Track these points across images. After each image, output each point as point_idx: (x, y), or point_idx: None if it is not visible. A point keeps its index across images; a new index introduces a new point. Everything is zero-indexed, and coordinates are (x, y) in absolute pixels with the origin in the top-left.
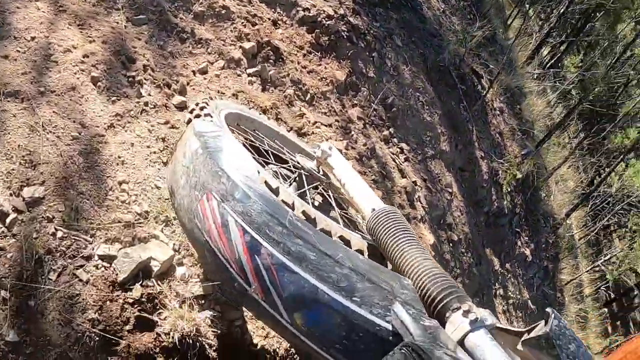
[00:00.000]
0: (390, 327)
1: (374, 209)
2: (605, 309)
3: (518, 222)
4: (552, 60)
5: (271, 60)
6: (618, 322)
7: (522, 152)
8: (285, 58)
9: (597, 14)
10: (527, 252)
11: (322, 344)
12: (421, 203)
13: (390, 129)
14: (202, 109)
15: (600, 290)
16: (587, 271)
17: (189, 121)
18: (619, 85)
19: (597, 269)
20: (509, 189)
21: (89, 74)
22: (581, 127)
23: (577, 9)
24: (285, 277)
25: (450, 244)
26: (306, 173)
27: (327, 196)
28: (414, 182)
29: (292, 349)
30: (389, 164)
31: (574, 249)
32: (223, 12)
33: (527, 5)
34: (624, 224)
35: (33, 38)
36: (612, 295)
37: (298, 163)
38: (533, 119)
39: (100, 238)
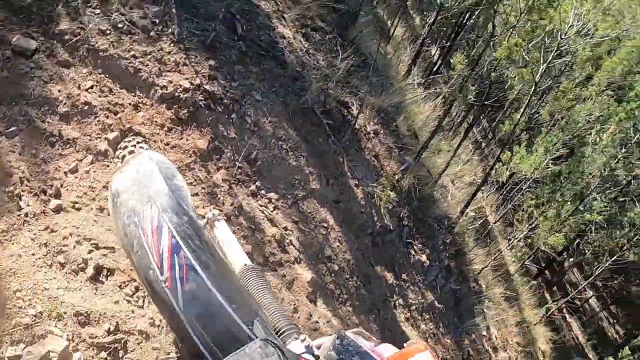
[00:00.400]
0: (251, 334)
1: (245, 264)
2: (535, 281)
3: (409, 234)
4: (440, 64)
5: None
6: (554, 288)
7: (402, 168)
8: (148, 140)
9: (475, 12)
10: (424, 257)
11: (200, 333)
12: (294, 246)
13: (257, 183)
14: (138, 142)
15: (526, 265)
16: (495, 256)
17: (131, 152)
18: (504, 76)
19: (520, 246)
20: (389, 207)
21: None
22: (467, 122)
23: (449, 14)
24: (191, 276)
25: (332, 274)
26: None
27: None
28: (285, 228)
29: None
30: (258, 217)
31: (482, 238)
32: (86, 107)
33: (412, 13)
34: (521, 206)
35: None
36: (542, 266)
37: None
38: (416, 130)
39: (7, 342)
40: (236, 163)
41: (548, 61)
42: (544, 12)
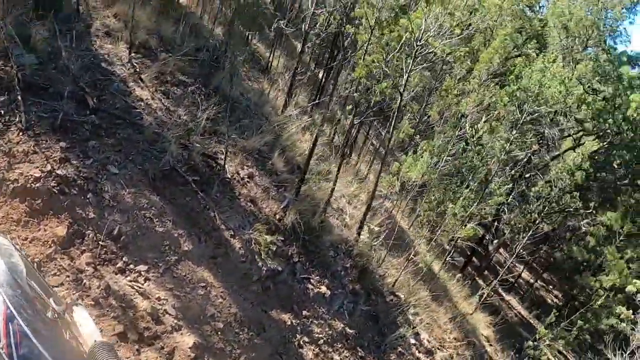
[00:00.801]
0: None
1: (95, 340)
2: (461, 274)
3: (302, 269)
4: (322, 89)
5: None
6: (485, 272)
7: (282, 206)
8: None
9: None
10: (323, 289)
11: None
12: (170, 314)
13: (124, 258)
14: None
15: (450, 260)
16: (412, 260)
17: None
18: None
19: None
20: (273, 249)
21: None
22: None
23: (323, 39)
24: (25, 342)
25: (219, 333)
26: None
27: None
28: (158, 298)
29: None
30: (128, 293)
31: (395, 247)
32: None
33: (293, 41)
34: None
35: None
36: (467, 255)
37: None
38: (297, 162)
39: None
40: (99, 243)
41: (409, 70)
42: (394, 24)
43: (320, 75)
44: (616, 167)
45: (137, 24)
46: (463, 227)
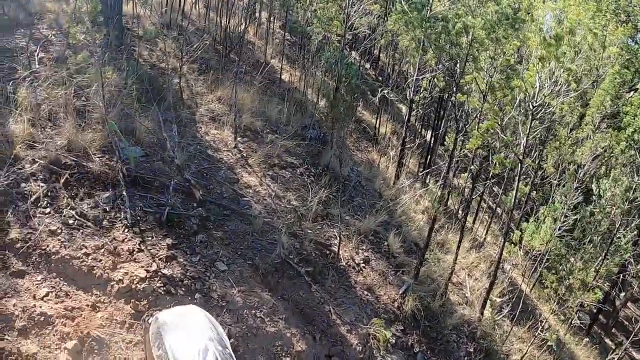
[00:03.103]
0: None
1: None
2: (587, 336)
3: (423, 359)
4: (431, 156)
5: (96, 350)
6: (613, 330)
7: (401, 292)
8: (108, 342)
9: (449, 93)
10: None
11: None
12: None
13: None
14: None
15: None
16: (537, 332)
17: None
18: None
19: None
20: (392, 341)
21: None
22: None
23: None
24: None
25: None
26: None
27: None
28: None
29: None
30: None
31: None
32: (42, 319)
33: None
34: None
35: None
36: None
37: None
38: (414, 239)
39: None
40: None
41: (527, 133)
42: (505, 88)
43: (428, 137)
44: None
45: (242, 107)
46: (589, 290)
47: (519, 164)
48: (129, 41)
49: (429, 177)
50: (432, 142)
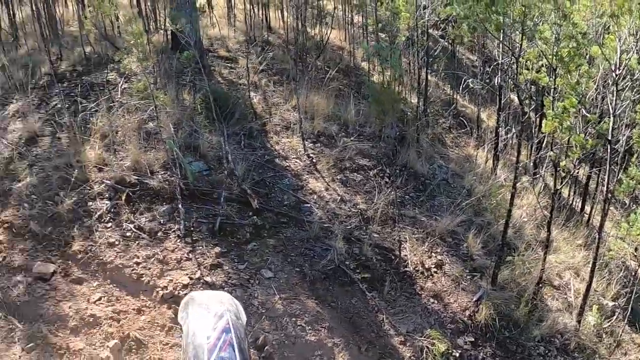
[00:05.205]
0: None
1: None
2: None
3: None
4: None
5: (134, 350)
6: None
7: (474, 299)
8: (147, 343)
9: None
10: None
11: None
12: None
13: None
14: None
15: None
16: None
17: None
18: None
19: None
20: (456, 355)
21: None
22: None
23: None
24: (228, 350)
25: None
26: None
27: None
28: None
29: None
30: None
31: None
32: (91, 320)
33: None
34: None
35: None
36: None
37: None
38: (507, 240)
39: None
40: None
41: (615, 108)
42: (579, 57)
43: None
44: None
45: (316, 112)
46: None
47: (608, 144)
48: (209, 62)
49: (534, 167)
50: (536, 128)
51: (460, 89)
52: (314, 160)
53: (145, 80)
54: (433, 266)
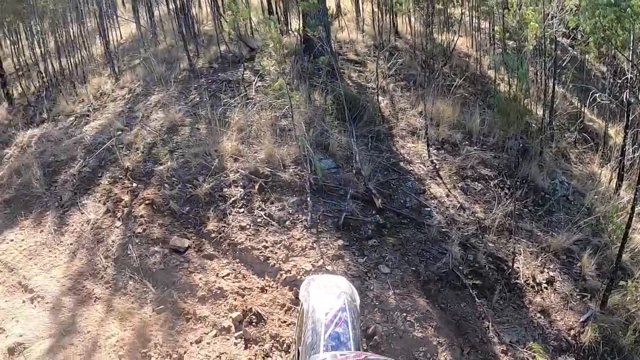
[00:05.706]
0: None
1: None
2: None
3: None
4: None
5: (254, 323)
6: None
7: (581, 320)
8: (266, 318)
9: None
10: None
11: None
12: None
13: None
14: None
15: None
16: None
17: None
18: None
19: None
20: None
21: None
22: None
23: None
24: (342, 327)
25: None
26: None
27: None
28: None
29: None
30: None
31: None
32: (219, 292)
33: None
34: None
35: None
36: None
37: None
38: (623, 262)
39: None
40: None
41: None
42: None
43: None
44: None
45: (441, 119)
46: None
47: None
48: (339, 65)
49: None
50: None
51: (588, 102)
52: (437, 167)
53: (282, 81)
54: (544, 281)
